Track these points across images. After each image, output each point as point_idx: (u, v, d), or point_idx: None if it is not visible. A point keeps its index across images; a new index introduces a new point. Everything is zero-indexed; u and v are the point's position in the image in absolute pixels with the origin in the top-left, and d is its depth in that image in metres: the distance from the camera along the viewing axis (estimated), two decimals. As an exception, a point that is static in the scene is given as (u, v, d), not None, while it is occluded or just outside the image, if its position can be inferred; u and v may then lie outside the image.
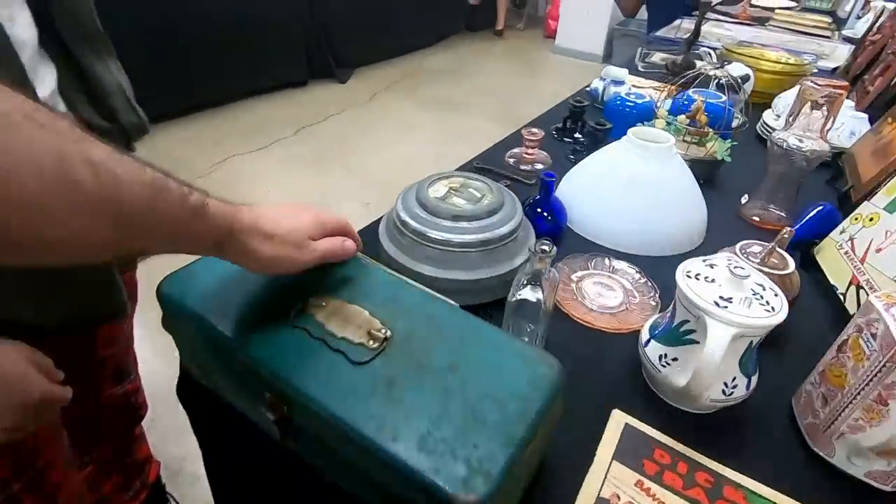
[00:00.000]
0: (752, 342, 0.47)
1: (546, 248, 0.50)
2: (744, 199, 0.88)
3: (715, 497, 0.45)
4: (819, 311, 0.67)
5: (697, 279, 0.48)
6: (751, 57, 1.33)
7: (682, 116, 0.97)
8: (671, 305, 0.53)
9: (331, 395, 0.38)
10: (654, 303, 0.65)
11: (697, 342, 0.49)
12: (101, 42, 0.53)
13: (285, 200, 0.48)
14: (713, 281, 0.48)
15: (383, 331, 0.43)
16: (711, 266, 0.50)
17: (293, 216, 0.44)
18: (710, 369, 0.44)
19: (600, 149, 0.85)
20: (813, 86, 0.74)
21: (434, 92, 3.59)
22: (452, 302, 0.52)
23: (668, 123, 0.96)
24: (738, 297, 0.46)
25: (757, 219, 0.87)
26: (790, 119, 0.79)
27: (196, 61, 2.74)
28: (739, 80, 1.07)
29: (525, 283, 0.53)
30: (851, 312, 0.63)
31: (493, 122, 3.18)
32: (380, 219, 0.70)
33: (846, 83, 0.72)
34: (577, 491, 0.45)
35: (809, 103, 0.77)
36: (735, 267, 0.47)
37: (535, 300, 0.52)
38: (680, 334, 0.50)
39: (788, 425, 0.53)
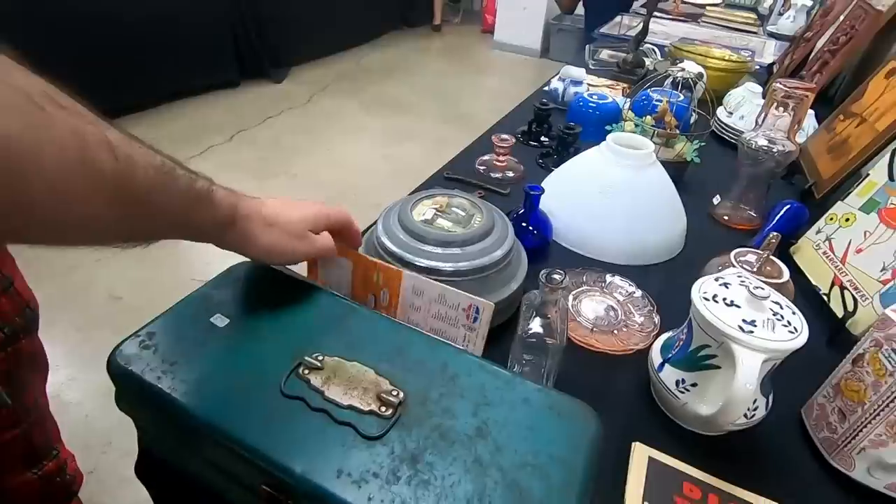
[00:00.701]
0: (774, 364, 0.46)
1: (557, 276, 0.46)
2: (716, 200, 0.89)
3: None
4: (804, 313, 0.68)
5: (716, 301, 0.46)
6: (698, 55, 1.36)
7: (649, 118, 0.96)
8: (683, 327, 0.51)
9: (345, 483, 0.32)
10: (655, 319, 0.62)
11: (718, 367, 0.47)
12: None
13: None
14: (732, 303, 0.46)
15: (395, 393, 0.37)
16: (726, 286, 0.48)
17: (296, 207, 0.45)
18: (743, 400, 0.41)
19: (576, 155, 0.83)
20: (781, 87, 0.75)
21: (375, 90, 3.49)
22: (457, 345, 0.47)
23: (636, 125, 0.95)
24: (760, 320, 0.44)
25: (727, 218, 0.88)
26: (759, 120, 0.80)
27: (111, 61, 2.49)
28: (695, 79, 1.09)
29: (533, 315, 0.49)
30: (838, 314, 0.64)
31: (439, 120, 3.13)
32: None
33: (813, 85, 0.73)
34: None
35: (776, 104, 0.78)
36: (755, 287, 0.45)
37: (544, 334, 0.48)
38: (698, 359, 0.48)
39: (800, 438, 0.52)
